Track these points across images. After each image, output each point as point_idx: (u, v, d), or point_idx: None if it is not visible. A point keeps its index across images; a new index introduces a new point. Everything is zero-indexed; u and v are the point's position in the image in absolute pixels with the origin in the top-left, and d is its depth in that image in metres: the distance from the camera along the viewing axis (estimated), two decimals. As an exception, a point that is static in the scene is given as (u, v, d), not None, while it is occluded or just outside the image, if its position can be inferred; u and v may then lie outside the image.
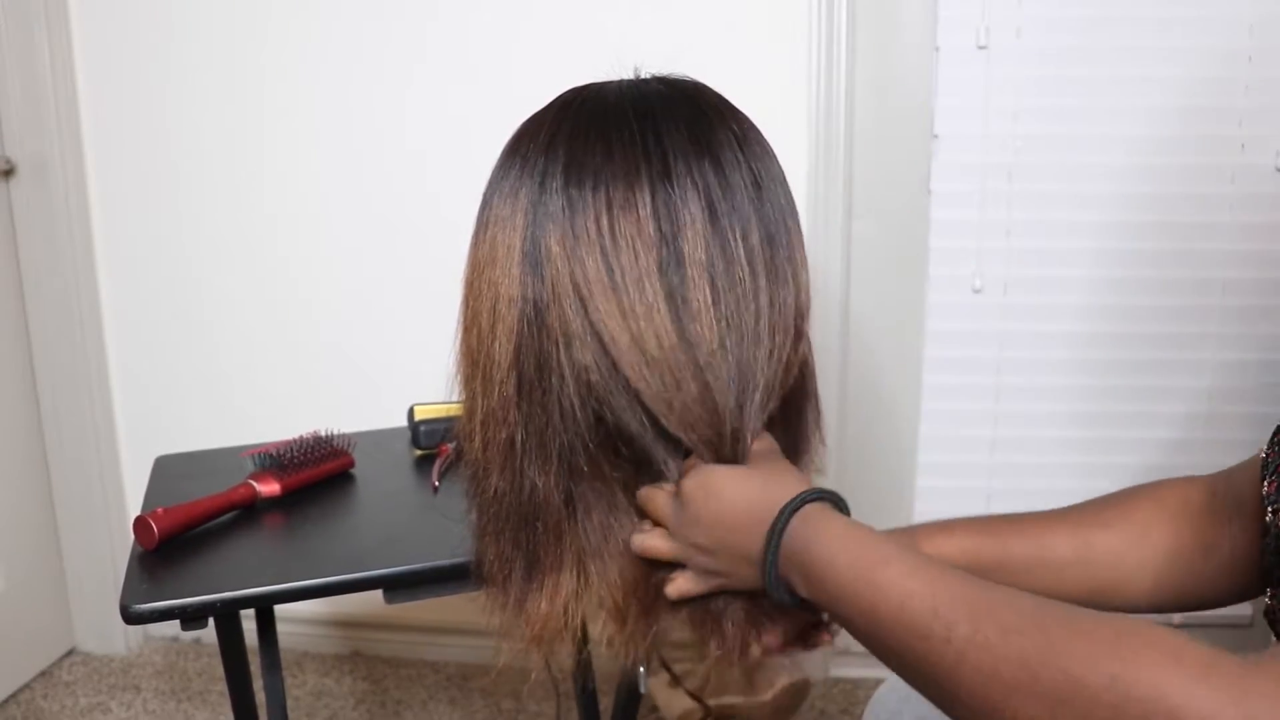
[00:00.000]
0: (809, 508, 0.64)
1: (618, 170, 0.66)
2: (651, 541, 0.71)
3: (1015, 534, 0.77)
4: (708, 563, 0.68)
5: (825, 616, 0.75)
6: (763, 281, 0.67)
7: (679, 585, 0.71)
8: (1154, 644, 0.44)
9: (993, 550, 0.76)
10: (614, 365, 0.67)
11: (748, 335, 0.67)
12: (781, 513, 0.63)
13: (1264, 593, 0.63)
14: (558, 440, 0.68)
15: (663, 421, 0.68)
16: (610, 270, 0.65)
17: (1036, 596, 0.52)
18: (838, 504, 0.66)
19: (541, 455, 0.69)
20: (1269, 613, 0.62)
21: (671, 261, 0.65)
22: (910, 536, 0.78)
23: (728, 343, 0.67)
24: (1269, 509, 0.61)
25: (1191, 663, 0.43)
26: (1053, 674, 0.46)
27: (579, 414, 0.68)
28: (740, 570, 0.67)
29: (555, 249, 0.66)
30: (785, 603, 0.66)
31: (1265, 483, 0.63)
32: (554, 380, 0.67)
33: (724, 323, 0.66)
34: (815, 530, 0.62)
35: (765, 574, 0.64)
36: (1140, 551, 0.74)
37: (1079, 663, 0.46)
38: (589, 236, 0.66)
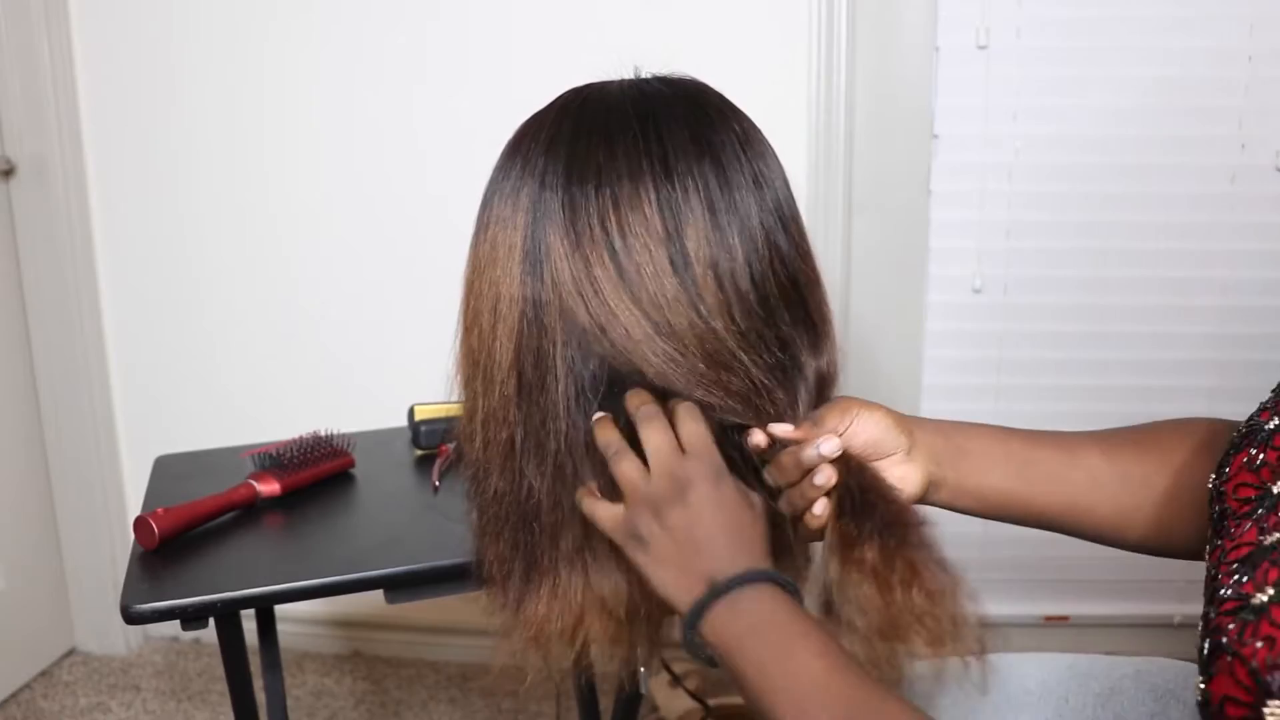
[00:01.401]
0: (758, 588, 0.62)
1: (622, 169, 0.66)
2: (600, 511, 0.68)
3: (1042, 438, 0.75)
4: (647, 533, 0.65)
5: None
6: (771, 279, 0.68)
7: (597, 511, 0.68)
8: None
9: (1021, 445, 0.74)
10: (626, 359, 0.67)
11: (766, 330, 0.68)
12: (732, 582, 0.61)
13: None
14: (552, 441, 0.68)
15: (699, 395, 0.67)
16: (621, 268, 0.66)
17: (916, 711, 0.55)
18: (785, 587, 0.63)
19: (539, 456, 0.69)
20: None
21: (680, 258, 0.66)
22: (937, 421, 0.75)
23: (765, 333, 0.67)
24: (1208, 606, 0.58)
25: None
26: None
27: (572, 414, 0.68)
28: (664, 576, 0.65)
29: (555, 247, 0.67)
30: (691, 646, 0.64)
31: (1209, 544, 0.61)
32: (549, 379, 0.68)
33: (740, 319, 0.67)
34: (747, 613, 0.61)
35: (686, 623, 0.63)
36: (1171, 479, 0.71)
37: None
38: (593, 235, 0.66)
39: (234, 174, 1.75)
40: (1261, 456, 0.60)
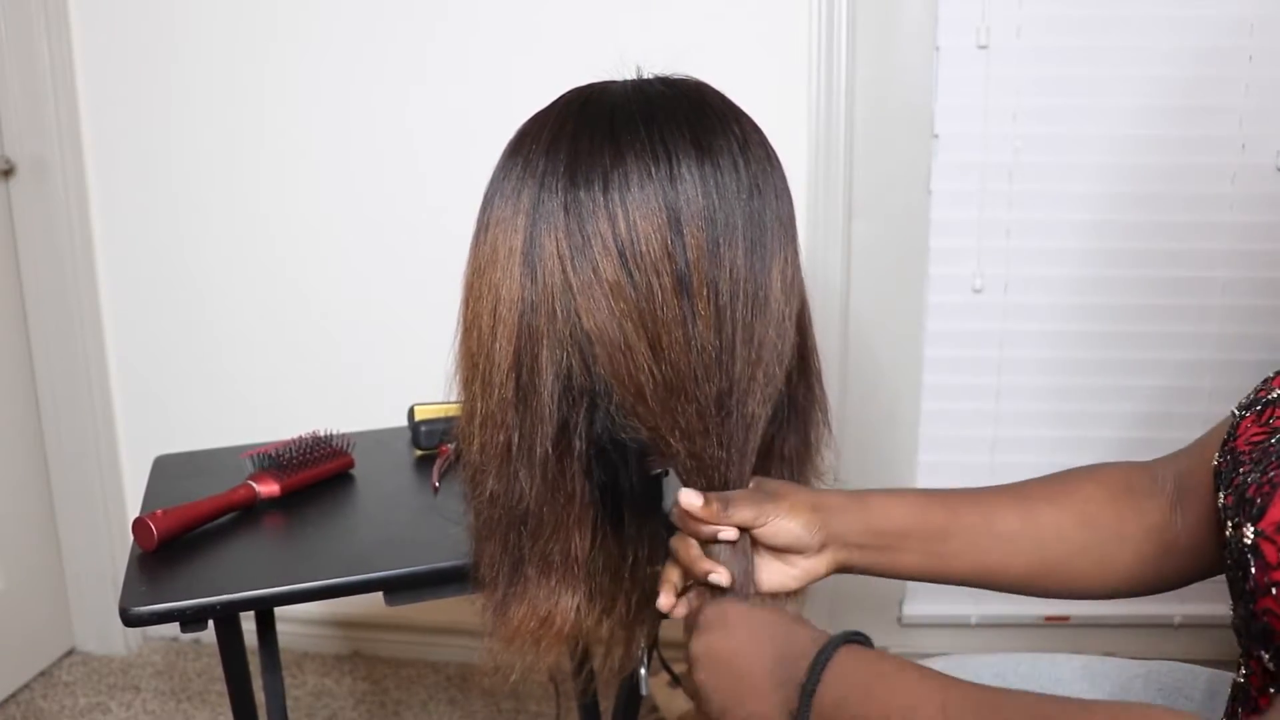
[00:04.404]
0: (847, 651, 0.62)
1: (631, 173, 0.65)
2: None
3: (963, 503, 0.75)
4: (704, 701, 0.67)
5: None
6: (741, 294, 0.67)
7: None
8: None
9: (940, 515, 0.74)
10: (611, 369, 0.67)
11: (736, 343, 0.67)
12: (819, 655, 0.61)
13: (1226, 598, 0.63)
14: (540, 446, 0.68)
15: (660, 431, 0.68)
16: (631, 275, 0.65)
17: (1039, 694, 0.53)
18: (863, 643, 0.64)
19: (530, 460, 0.69)
20: (1235, 628, 0.62)
21: (683, 265, 0.65)
22: (860, 499, 0.76)
23: (722, 357, 0.67)
24: (1228, 523, 0.60)
25: None
26: None
27: (554, 418, 0.68)
28: (740, 704, 0.65)
29: (555, 250, 0.66)
30: None
31: (1221, 494, 0.63)
32: (540, 384, 0.67)
33: (720, 331, 0.67)
34: (846, 676, 0.60)
35: (798, 717, 0.61)
36: (1085, 531, 0.73)
37: None
38: (604, 240, 0.65)
39: (233, 174, 1.75)
40: (1273, 410, 0.63)
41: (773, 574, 0.74)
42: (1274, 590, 0.53)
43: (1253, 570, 0.56)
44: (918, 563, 0.75)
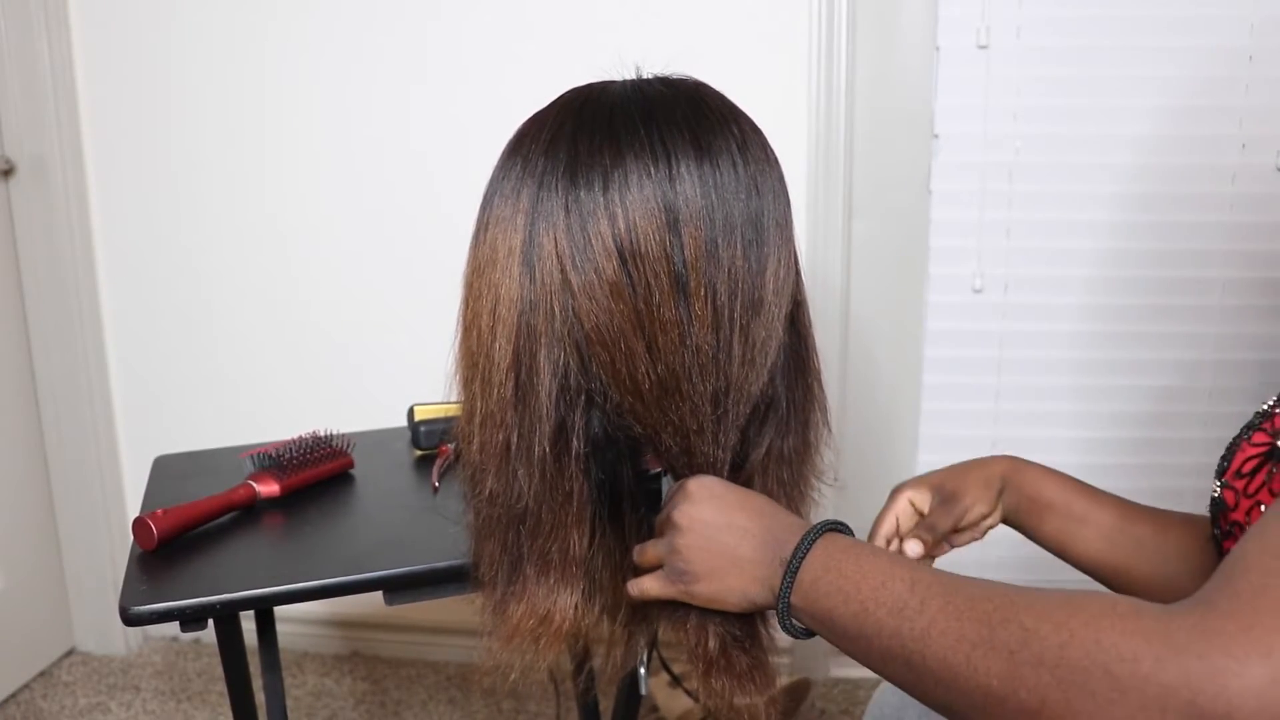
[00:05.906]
0: (828, 536, 0.64)
1: (630, 173, 0.65)
2: (648, 585, 0.73)
3: (1106, 500, 0.84)
4: (683, 564, 0.68)
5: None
6: (739, 294, 0.67)
7: (644, 585, 0.72)
8: (1094, 599, 0.50)
9: (1083, 502, 0.83)
10: (610, 368, 0.67)
11: (734, 343, 0.68)
12: (805, 536, 0.64)
13: None
14: (538, 445, 0.68)
15: (654, 430, 0.68)
16: (630, 275, 0.65)
17: (1000, 581, 0.57)
18: (844, 532, 0.67)
19: (529, 459, 0.69)
20: None
21: (680, 265, 0.65)
22: (1020, 469, 0.87)
23: (718, 356, 0.67)
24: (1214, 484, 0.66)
25: (1124, 609, 0.48)
26: (1010, 628, 0.51)
27: (552, 417, 0.68)
28: (721, 576, 0.67)
29: (554, 249, 0.66)
30: (787, 626, 0.65)
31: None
32: (538, 382, 0.67)
33: (717, 331, 0.67)
34: (826, 556, 0.63)
35: (780, 592, 0.64)
36: (1209, 559, 0.77)
37: (1032, 616, 0.50)
38: (604, 240, 0.65)
39: (233, 174, 1.75)
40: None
41: (963, 538, 0.87)
42: (1235, 533, 0.58)
43: (1219, 519, 0.61)
44: (1053, 536, 0.84)
